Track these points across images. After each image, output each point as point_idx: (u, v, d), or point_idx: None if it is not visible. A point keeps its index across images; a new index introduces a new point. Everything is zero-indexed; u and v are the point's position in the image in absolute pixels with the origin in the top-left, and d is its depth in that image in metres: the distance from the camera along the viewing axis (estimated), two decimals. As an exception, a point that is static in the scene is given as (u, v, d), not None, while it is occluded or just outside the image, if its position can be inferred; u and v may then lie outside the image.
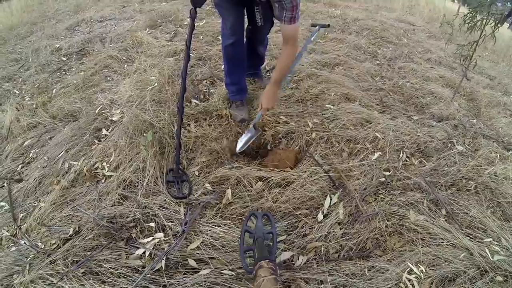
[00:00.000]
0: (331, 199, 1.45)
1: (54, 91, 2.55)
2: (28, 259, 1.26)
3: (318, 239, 1.30)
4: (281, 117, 1.95)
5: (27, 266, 1.22)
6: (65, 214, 1.45)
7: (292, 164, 1.62)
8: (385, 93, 2.46)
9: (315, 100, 2.17)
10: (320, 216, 1.38)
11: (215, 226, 1.33)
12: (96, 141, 1.88)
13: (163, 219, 1.35)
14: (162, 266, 1.17)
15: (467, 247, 1.32)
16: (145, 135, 1.69)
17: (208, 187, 1.52)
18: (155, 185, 1.53)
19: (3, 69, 3.10)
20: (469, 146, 2.06)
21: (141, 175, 1.56)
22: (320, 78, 2.39)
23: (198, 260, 1.21)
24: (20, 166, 1.89)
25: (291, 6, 1.37)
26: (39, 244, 1.32)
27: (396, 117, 2.15)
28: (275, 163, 1.61)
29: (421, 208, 1.50)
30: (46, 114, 2.21)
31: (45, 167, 1.79)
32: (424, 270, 1.21)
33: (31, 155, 1.94)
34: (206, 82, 2.37)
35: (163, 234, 1.30)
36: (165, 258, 1.18)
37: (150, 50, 2.81)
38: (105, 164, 1.68)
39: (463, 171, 1.78)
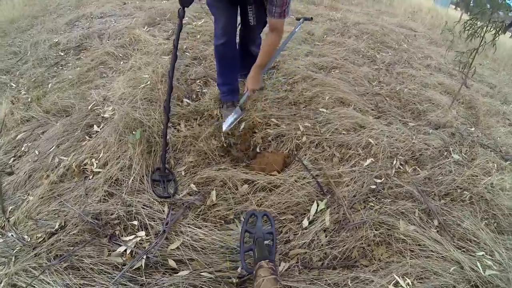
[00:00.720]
0: (318, 206, 1.41)
1: (50, 85, 2.53)
2: (14, 251, 1.25)
3: (301, 246, 1.26)
4: (272, 119, 1.91)
5: (13, 258, 1.22)
6: (52, 208, 1.44)
7: (279, 168, 1.57)
8: (382, 98, 2.41)
9: (308, 103, 2.12)
10: (305, 222, 1.34)
11: (196, 227, 1.29)
12: (87, 137, 1.86)
13: (145, 218, 1.32)
14: (142, 265, 1.15)
15: (458, 260, 1.27)
16: (134, 133, 1.67)
17: (193, 187, 1.48)
18: (140, 183, 1.50)
19: (2, 61, 3.08)
20: (465, 155, 2.01)
21: (127, 172, 1.54)
22: (315, 81, 2.34)
23: (177, 261, 1.19)
24: (12, 159, 1.87)
25: (281, 2, 1.41)
26: (25, 237, 1.31)
27: (391, 123, 2.10)
28: (262, 166, 1.57)
29: (412, 218, 1.45)
30: (39, 109, 2.20)
31: (35, 161, 1.78)
32: (411, 283, 1.16)
33: (23, 149, 1.93)
34: (199, 82, 2.33)
35: (145, 233, 1.28)
36: (145, 257, 1.17)
37: (147, 48, 2.78)
38: (94, 160, 1.66)
39: (458, 180, 1.73)
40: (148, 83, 2.15)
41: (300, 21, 2.21)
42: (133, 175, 1.51)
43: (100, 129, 1.90)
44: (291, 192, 1.44)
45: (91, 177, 1.58)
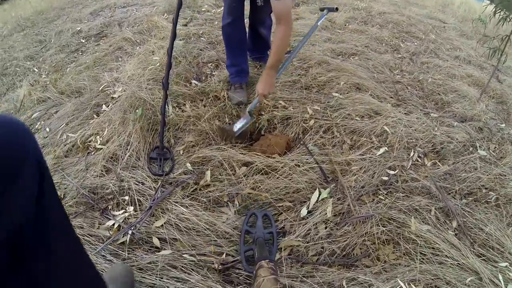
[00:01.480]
0: (319, 194, 1.24)
1: (68, 69, 2.56)
2: None
3: (297, 237, 1.10)
4: (280, 102, 1.75)
5: None
6: (54, 181, 1.40)
7: (281, 150, 1.42)
8: (403, 86, 2.17)
9: (321, 88, 1.94)
10: (304, 211, 1.18)
11: (183, 206, 1.19)
12: (95, 116, 1.85)
13: (136, 193, 1.26)
14: (126, 240, 1.09)
15: (476, 270, 1.05)
16: (138, 111, 1.62)
17: (189, 166, 1.38)
18: (136, 159, 1.44)
19: (28, 49, 3.19)
20: (493, 152, 1.74)
21: (125, 148, 1.48)
22: (331, 66, 2.14)
23: (161, 239, 1.11)
24: None
25: None
26: None
27: (411, 112, 1.87)
28: (263, 148, 1.43)
29: (426, 216, 1.24)
30: (55, 90, 2.24)
31: (45, 137, 1.80)
32: (418, 292, 0.96)
33: (36, 127, 1.95)
34: (211, 65, 2.22)
35: (133, 208, 1.21)
36: (130, 232, 1.10)
37: (163, 33, 2.71)
38: (98, 137, 1.65)
39: (484, 179, 1.48)
40: (158, 64, 2.08)
41: (324, 12, 1.90)
42: (129, 151, 1.45)
43: (109, 108, 1.87)
44: (291, 177, 1.29)
45: (93, 153, 1.56)
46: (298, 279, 0.98)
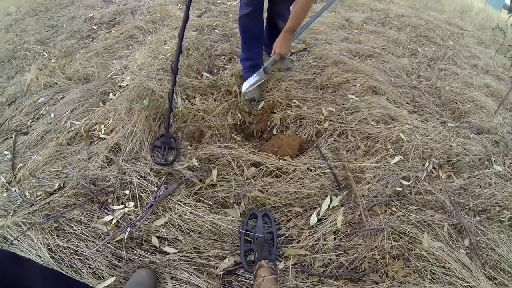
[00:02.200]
0: (331, 201, 1.16)
1: (78, 55, 2.49)
2: (14, 206, 1.25)
3: (304, 247, 1.02)
4: (294, 101, 1.66)
5: (12, 212, 1.21)
6: (55, 169, 1.41)
7: (293, 152, 1.33)
8: (419, 92, 2.06)
9: (337, 89, 1.84)
10: (314, 219, 1.10)
11: (187, 206, 1.12)
12: (101, 104, 1.79)
13: (137, 188, 1.19)
14: (124, 238, 1.03)
15: None
16: (144, 101, 1.54)
17: (195, 162, 1.30)
18: (139, 150, 1.37)
19: (39, 33, 3.14)
20: (509, 168, 1.64)
21: (129, 139, 1.41)
22: (347, 66, 2.04)
23: (162, 239, 1.04)
24: (30, 120, 1.88)
25: None
26: (26, 193, 1.30)
27: (427, 120, 1.77)
28: (274, 149, 1.34)
29: (439, 232, 1.15)
30: (62, 75, 2.18)
31: (49, 123, 1.76)
32: (425, 313, 0.88)
33: (41, 112, 1.92)
34: (223, 58, 2.12)
35: (133, 204, 1.14)
36: (128, 230, 1.04)
37: (176, 23, 2.62)
38: (102, 126, 1.59)
39: (498, 196, 1.39)
40: (169, 54, 2.00)
41: None
42: (132, 142, 1.39)
43: (116, 97, 1.80)
44: (302, 182, 1.21)
45: (96, 142, 1.50)
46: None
